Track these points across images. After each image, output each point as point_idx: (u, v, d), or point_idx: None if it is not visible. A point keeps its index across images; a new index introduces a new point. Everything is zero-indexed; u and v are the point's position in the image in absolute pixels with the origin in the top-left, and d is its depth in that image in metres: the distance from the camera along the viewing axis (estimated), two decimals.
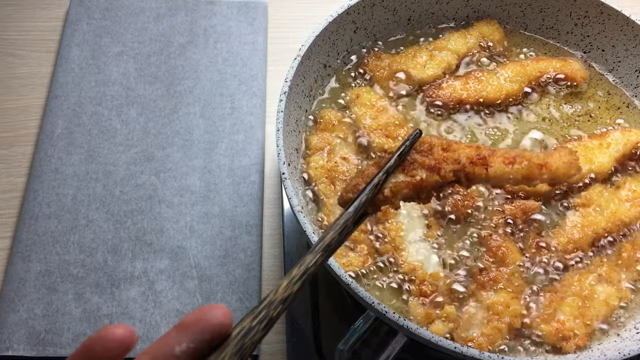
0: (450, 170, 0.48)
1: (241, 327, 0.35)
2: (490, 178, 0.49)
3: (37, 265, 0.71)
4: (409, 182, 0.47)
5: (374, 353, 0.55)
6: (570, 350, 0.56)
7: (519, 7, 0.78)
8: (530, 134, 0.70)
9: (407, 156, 0.48)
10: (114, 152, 0.80)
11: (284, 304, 0.37)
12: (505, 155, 0.49)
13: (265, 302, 0.36)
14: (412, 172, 0.47)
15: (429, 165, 0.47)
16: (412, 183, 0.47)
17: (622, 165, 0.68)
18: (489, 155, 0.49)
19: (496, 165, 0.48)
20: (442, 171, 0.48)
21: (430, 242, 0.62)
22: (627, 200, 0.65)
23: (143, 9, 0.94)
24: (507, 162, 0.49)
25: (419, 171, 0.47)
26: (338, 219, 0.43)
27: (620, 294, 0.60)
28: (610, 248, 0.63)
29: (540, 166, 0.49)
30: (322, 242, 0.41)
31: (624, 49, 0.74)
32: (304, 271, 0.39)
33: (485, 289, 0.59)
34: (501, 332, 0.57)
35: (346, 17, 0.71)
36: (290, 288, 0.37)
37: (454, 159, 0.48)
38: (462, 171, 0.48)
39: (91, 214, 0.75)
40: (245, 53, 0.91)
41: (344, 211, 0.44)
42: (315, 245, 0.41)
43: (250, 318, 0.36)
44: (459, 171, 0.48)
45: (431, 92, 0.72)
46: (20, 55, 0.90)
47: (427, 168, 0.47)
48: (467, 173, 0.48)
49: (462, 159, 0.48)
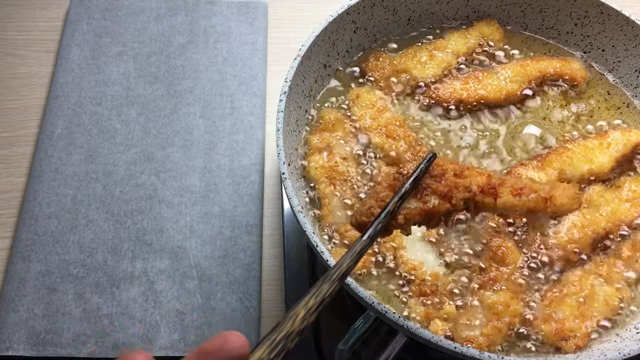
0: (461, 198, 0.49)
1: (259, 357, 0.35)
2: (498, 208, 0.50)
3: (37, 265, 0.71)
4: (422, 208, 0.48)
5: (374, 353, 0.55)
6: (570, 350, 0.56)
7: (519, 7, 0.78)
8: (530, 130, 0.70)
9: (421, 181, 0.48)
10: (114, 152, 0.80)
11: (301, 335, 0.37)
12: (513, 186, 0.50)
13: (283, 332, 0.36)
14: (425, 198, 0.48)
15: (442, 192, 0.48)
16: (424, 210, 0.48)
17: (622, 165, 0.68)
18: (498, 185, 0.50)
19: (505, 196, 0.50)
20: (454, 199, 0.49)
21: (429, 242, 0.62)
22: (627, 201, 0.65)
23: (143, 9, 0.94)
24: (515, 193, 0.50)
25: (431, 197, 0.48)
26: (354, 246, 0.43)
27: (620, 294, 0.60)
28: (610, 248, 0.63)
29: (545, 200, 0.51)
30: (339, 270, 0.41)
31: (624, 49, 0.74)
32: (320, 301, 0.39)
33: (485, 289, 0.59)
34: (501, 332, 0.57)
35: (346, 17, 0.71)
36: (307, 319, 0.37)
37: (465, 187, 0.49)
38: (472, 200, 0.49)
39: (91, 214, 0.75)
40: (245, 53, 0.91)
41: (359, 238, 0.44)
42: (332, 274, 0.41)
43: (268, 349, 0.35)
44: (469, 199, 0.49)
45: (431, 92, 0.72)
46: (20, 55, 0.90)
47: (439, 195, 0.48)
48: (476, 202, 0.50)
49: (473, 187, 0.49)
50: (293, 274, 0.72)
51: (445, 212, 0.49)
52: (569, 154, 0.66)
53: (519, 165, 0.66)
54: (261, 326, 0.70)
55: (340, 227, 0.62)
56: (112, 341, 0.67)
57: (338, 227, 0.62)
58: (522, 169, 0.65)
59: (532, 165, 0.66)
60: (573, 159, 0.66)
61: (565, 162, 0.66)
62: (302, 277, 0.71)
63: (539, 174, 0.65)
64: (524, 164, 0.66)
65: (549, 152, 0.68)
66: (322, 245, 0.54)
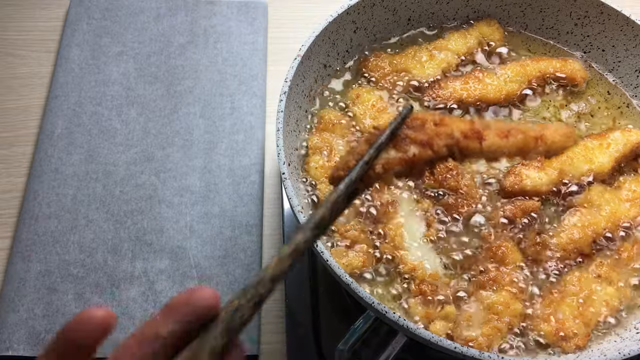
0: (443, 144, 0.46)
1: (230, 306, 0.34)
2: (485, 152, 0.47)
3: (37, 265, 0.71)
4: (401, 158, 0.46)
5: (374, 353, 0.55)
6: (570, 350, 0.56)
7: (519, 7, 0.78)
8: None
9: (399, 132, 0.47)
10: (114, 152, 0.80)
11: (273, 283, 0.36)
12: (500, 129, 0.47)
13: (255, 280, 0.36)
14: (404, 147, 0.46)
15: (422, 140, 0.46)
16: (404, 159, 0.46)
17: (622, 165, 0.68)
18: (483, 128, 0.47)
19: (490, 138, 0.47)
20: (435, 146, 0.46)
21: (429, 242, 0.62)
22: (627, 200, 0.65)
23: (143, 9, 0.94)
24: (502, 135, 0.47)
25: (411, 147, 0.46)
26: (328, 196, 0.42)
27: (620, 294, 0.60)
28: (610, 248, 0.63)
29: (536, 139, 0.48)
30: (312, 219, 0.40)
31: (624, 49, 0.74)
32: (293, 249, 0.38)
33: (485, 289, 0.59)
34: (501, 331, 0.57)
35: (346, 17, 0.71)
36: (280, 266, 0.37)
37: (447, 134, 0.46)
38: (455, 145, 0.47)
39: (91, 214, 0.75)
40: (245, 53, 0.91)
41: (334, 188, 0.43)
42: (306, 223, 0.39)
43: (239, 297, 0.35)
44: (452, 145, 0.47)
45: (431, 92, 0.72)
46: (20, 55, 0.90)
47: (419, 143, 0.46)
48: (460, 147, 0.47)
49: (455, 133, 0.47)
50: (293, 274, 0.72)
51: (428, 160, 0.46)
52: (569, 153, 0.67)
53: (520, 165, 0.66)
54: (261, 326, 0.70)
55: (340, 227, 0.62)
56: (112, 341, 0.67)
57: (338, 227, 0.62)
58: (523, 169, 0.65)
59: (532, 165, 0.66)
60: (573, 159, 0.66)
61: (566, 162, 0.66)
62: (302, 277, 0.71)
63: (540, 174, 0.65)
64: (525, 164, 0.66)
65: None
66: (322, 245, 0.54)
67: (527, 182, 0.64)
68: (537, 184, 0.65)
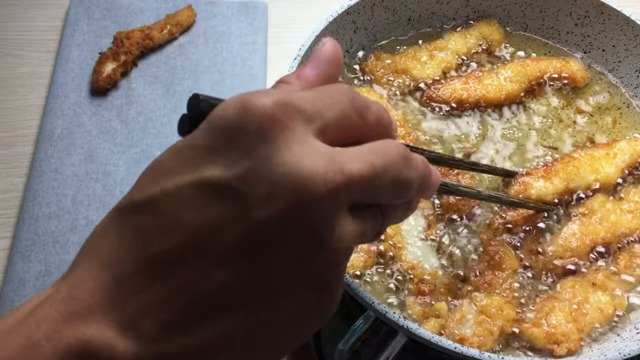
0: None
1: None
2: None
3: (37, 266, 0.71)
4: None
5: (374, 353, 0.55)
6: (562, 354, 0.56)
7: (519, 7, 0.78)
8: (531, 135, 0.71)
9: None
10: (114, 152, 0.80)
11: None
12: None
13: None
14: None
15: None
16: None
17: (626, 175, 0.67)
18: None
19: None
20: None
21: (429, 241, 0.62)
22: (629, 212, 0.64)
23: (143, 9, 0.94)
24: None
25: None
26: None
27: (616, 302, 0.59)
28: (607, 257, 0.62)
29: None
30: None
31: (624, 49, 0.74)
32: None
33: (479, 292, 0.59)
34: (492, 334, 0.56)
35: (346, 17, 0.71)
36: None
37: None
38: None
39: (91, 214, 0.75)
40: (245, 53, 0.91)
41: None
42: None
43: None
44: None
45: (431, 92, 0.72)
46: (20, 55, 0.90)
47: None
48: None
49: None
50: None
51: None
52: (575, 163, 0.65)
53: (525, 174, 0.65)
54: None
55: None
56: None
57: None
58: (529, 178, 0.65)
59: (538, 174, 0.65)
60: (579, 168, 0.65)
61: (572, 172, 0.65)
62: None
63: (546, 183, 0.64)
64: (530, 173, 0.65)
65: (554, 161, 0.67)
66: None
67: (532, 192, 0.64)
68: (543, 193, 0.64)
